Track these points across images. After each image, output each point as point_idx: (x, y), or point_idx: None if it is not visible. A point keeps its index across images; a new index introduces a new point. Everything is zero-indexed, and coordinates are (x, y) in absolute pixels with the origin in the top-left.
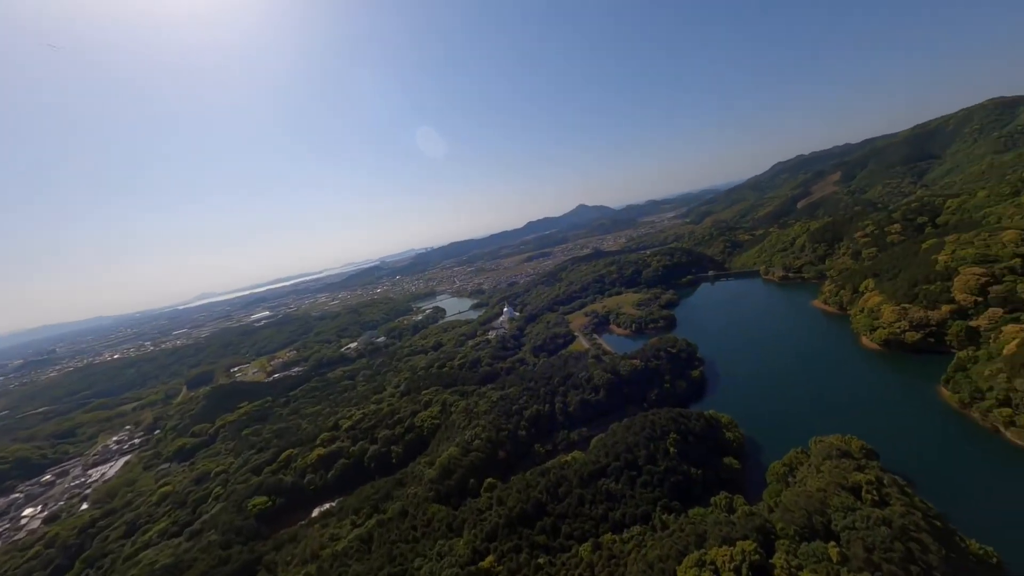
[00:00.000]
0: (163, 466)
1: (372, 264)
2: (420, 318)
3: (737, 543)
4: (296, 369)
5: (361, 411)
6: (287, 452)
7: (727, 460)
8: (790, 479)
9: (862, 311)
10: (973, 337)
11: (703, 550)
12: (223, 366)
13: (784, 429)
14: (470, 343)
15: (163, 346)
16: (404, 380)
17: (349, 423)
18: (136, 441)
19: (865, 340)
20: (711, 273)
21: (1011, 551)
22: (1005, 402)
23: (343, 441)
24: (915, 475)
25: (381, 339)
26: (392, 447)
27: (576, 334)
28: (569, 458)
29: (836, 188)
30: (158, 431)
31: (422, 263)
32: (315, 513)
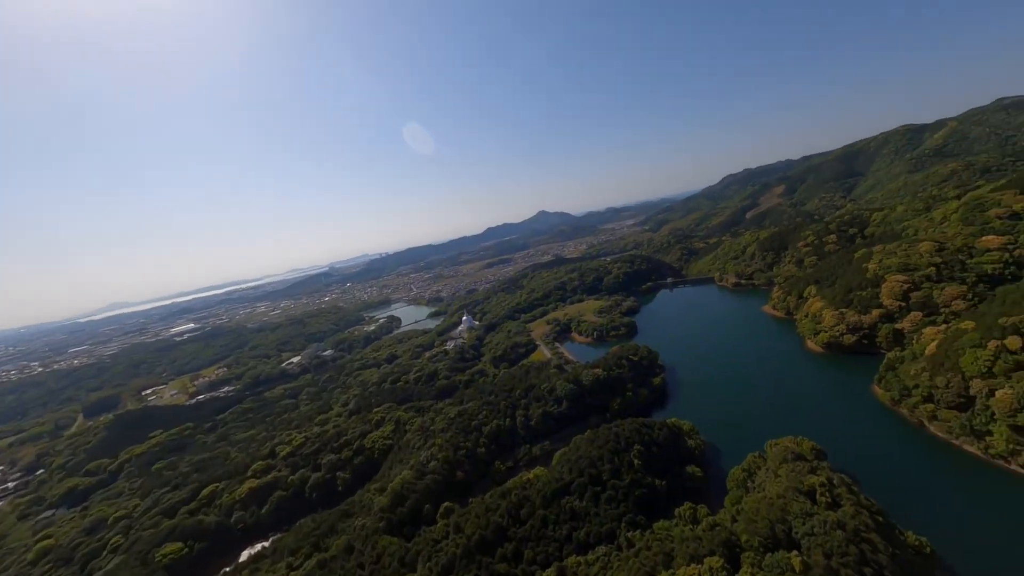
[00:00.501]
0: (45, 514)
1: (321, 270)
2: (373, 328)
3: (704, 560)
4: (226, 389)
5: (303, 434)
6: (211, 487)
7: (690, 469)
8: (750, 484)
9: (806, 316)
10: (899, 338)
11: (671, 570)
12: (133, 388)
13: (742, 433)
14: (427, 355)
15: (55, 366)
16: (353, 397)
17: (288, 449)
18: (10, 485)
19: (810, 343)
20: (670, 280)
21: (941, 539)
22: (928, 398)
23: (281, 470)
24: (858, 471)
25: (328, 352)
26: (338, 473)
27: (538, 343)
28: (531, 476)
29: (780, 200)
30: (41, 471)
31: (376, 269)
32: (244, 557)
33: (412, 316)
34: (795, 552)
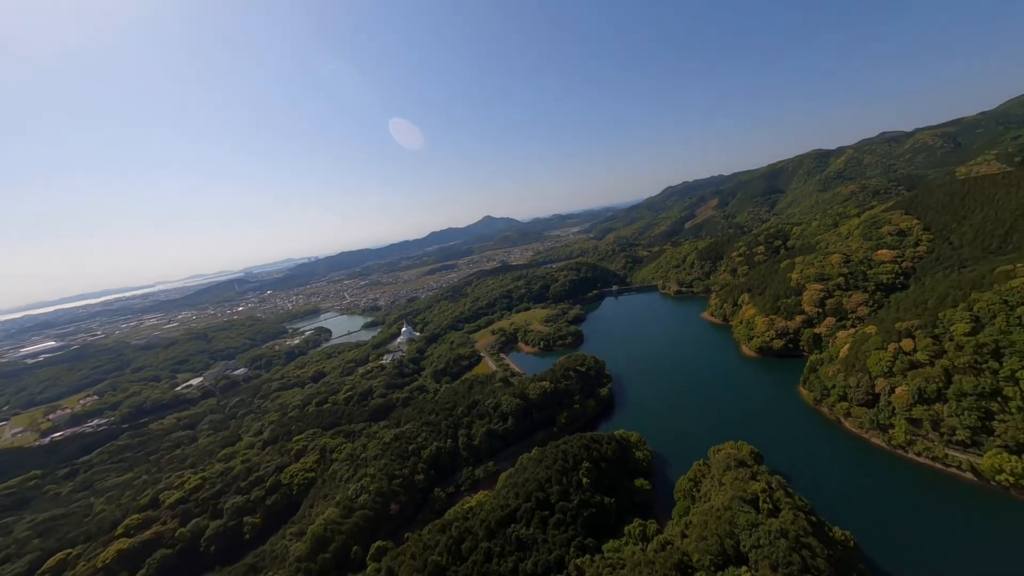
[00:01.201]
0: None
1: (234, 276)
2: (297, 342)
3: None
4: (96, 423)
5: (200, 475)
6: (59, 555)
7: (638, 482)
8: (696, 494)
9: (741, 323)
10: (818, 342)
11: None
12: None
13: (686, 440)
14: (360, 371)
15: None
16: (269, 424)
17: (179, 495)
18: None
19: (745, 348)
20: (615, 288)
21: (859, 529)
22: (843, 397)
23: (166, 522)
24: (790, 469)
25: (240, 371)
26: (246, 519)
27: (482, 354)
28: (474, 503)
29: (715, 212)
30: None
31: (303, 275)
32: None
33: (345, 327)
34: (745, 568)
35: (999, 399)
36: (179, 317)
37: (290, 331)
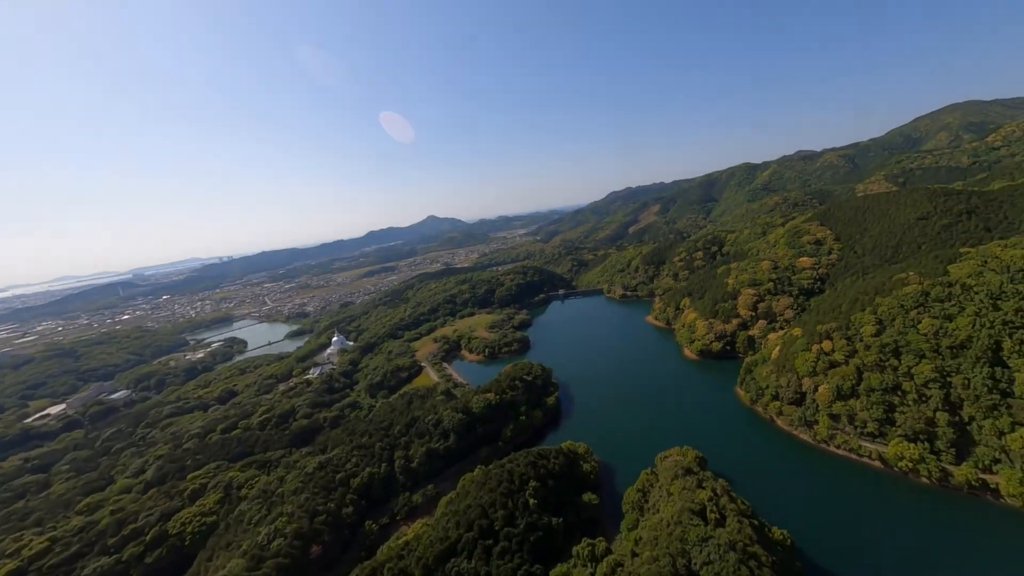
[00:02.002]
0: None
1: (118, 279)
2: (201, 356)
3: None
4: None
5: (48, 535)
6: None
7: (586, 496)
8: (645, 505)
9: (683, 326)
10: (752, 344)
11: None
12: None
13: (634, 447)
14: (281, 388)
15: None
16: (157, 460)
17: (13, 566)
18: None
19: (687, 351)
20: (562, 292)
21: (795, 526)
22: (776, 397)
23: None
24: (731, 470)
25: (121, 394)
26: None
27: (423, 364)
28: (411, 535)
29: (656, 218)
30: None
31: (211, 278)
32: None
33: (264, 337)
34: None
35: (899, 393)
36: (38, 329)
37: (192, 343)
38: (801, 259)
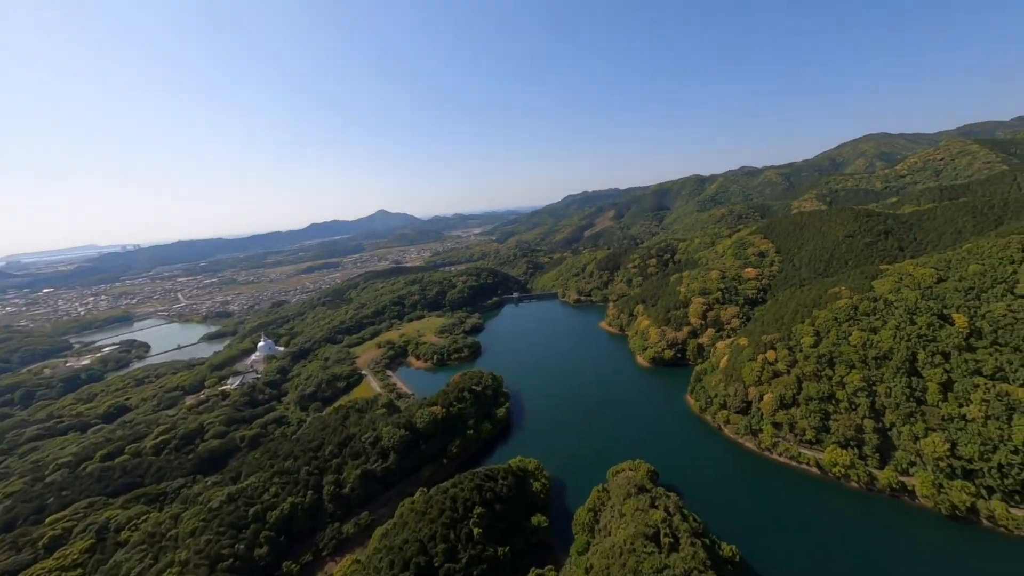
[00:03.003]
0: None
1: None
2: (87, 362)
3: None
4: None
5: None
6: None
7: (536, 519)
8: (596, 527)
9: (636, 333)
10: (702, 351)
11: None
12: None
13: (586, 460)
14: (189, 401)
15: None
16: (4, 500)
17: None
18: None
19: (640, 358)
20: (516, 295)
21: (744, 540)
22: (724, 405)
23: None
24: (683, 483)
25: None
26: None
27: (364, 372)
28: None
29: (612, 223)
30: None
31: (111, 268)
32: None
33: (173, 339)
34: None
35: (833, 401)
36: None
37: (77, 347)
38: (747, 270)
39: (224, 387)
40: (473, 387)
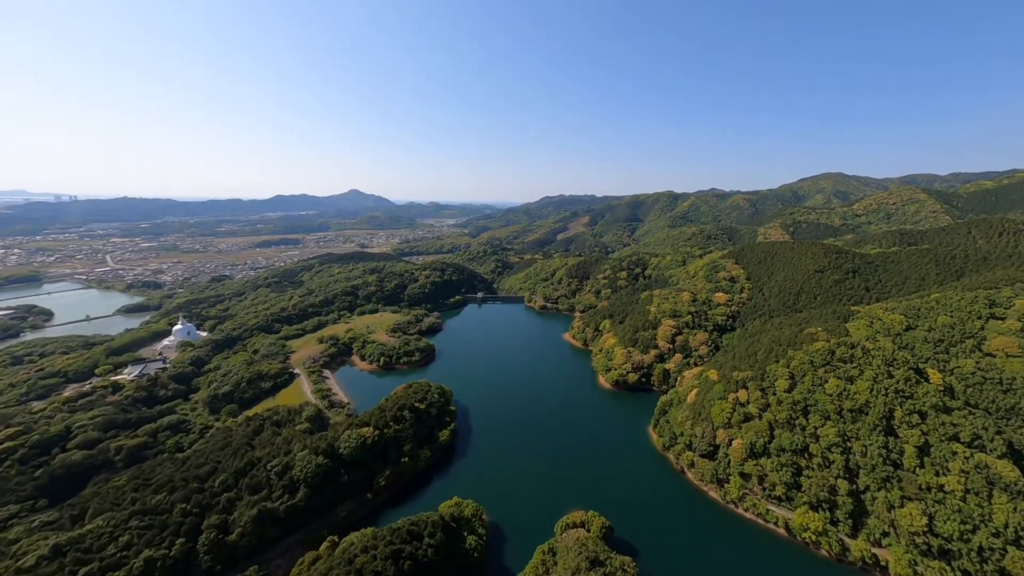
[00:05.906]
0: None
1: None
2: None
3: None
4: None
5: None
6: None
7: None
8: None
9: (601, 351)
10: (667, 378)
11: None
12: None
13: (535, 502)
14: (68, 392)
15: None
16: None
17: None
18: None
19: (602, 379)
20: (480, 295)
21: None
22: (690, 446)
23: None
24: (639, 538)
25: None
26: None
27: (297, 372)
28: None
29: (585, 229)
30: None
31: (33, 219)
32: None
33: (85, 309)
34: None
35: (806, 455)
36: None
37: None
38: (718, 294)
39: (118, 377)
40: (416, 404)
